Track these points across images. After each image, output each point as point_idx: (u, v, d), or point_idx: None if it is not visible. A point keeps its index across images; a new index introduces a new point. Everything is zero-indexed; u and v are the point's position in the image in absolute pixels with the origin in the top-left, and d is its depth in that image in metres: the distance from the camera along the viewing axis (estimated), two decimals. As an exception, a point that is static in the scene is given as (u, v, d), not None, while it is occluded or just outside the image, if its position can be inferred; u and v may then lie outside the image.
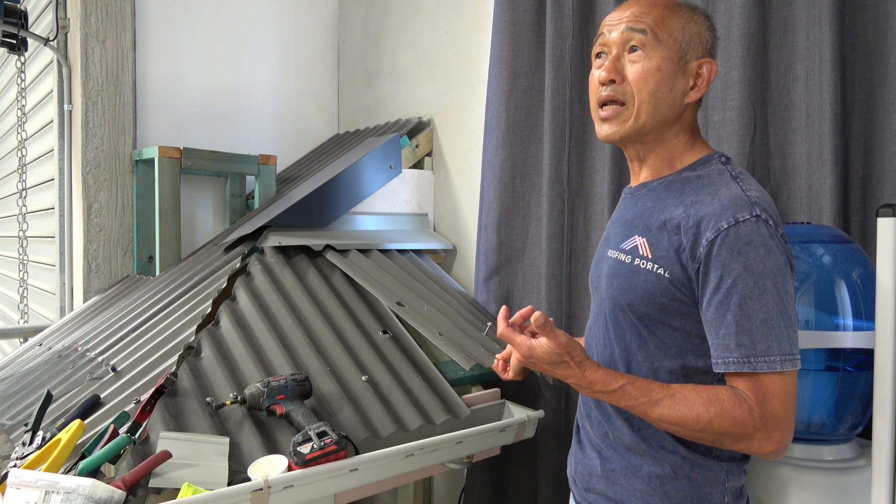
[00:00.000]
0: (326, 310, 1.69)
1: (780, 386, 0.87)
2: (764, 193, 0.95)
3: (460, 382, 1.63)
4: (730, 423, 0.88)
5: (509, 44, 1.94)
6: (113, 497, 1.02)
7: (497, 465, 1.99)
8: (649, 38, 0.99)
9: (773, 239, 0.89)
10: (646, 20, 1.00)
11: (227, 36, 2.62)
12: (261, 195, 2.38)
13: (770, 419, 0.87)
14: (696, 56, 1.01)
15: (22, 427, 1.36)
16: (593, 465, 1.06)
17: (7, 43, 2.32)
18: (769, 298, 0.87)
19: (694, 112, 1.05)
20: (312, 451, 1.17)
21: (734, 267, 0.88)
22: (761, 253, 0.88)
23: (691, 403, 0.90)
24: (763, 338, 0.87)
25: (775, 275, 0.88)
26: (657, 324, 0.98)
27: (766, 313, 0.87)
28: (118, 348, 1.63)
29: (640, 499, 0.99)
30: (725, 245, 0.89)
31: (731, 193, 0.92)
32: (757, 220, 0.89)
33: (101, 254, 2.26)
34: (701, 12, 1.04)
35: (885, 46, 1.33)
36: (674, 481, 0.97)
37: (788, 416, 0.88)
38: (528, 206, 1.96)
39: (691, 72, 1.01)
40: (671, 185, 1.01)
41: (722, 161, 1.01)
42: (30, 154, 2.83)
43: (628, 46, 1.01)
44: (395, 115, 2.62)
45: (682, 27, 1.00)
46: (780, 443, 0.88)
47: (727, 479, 0.98)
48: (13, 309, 3.21)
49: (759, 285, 0.87)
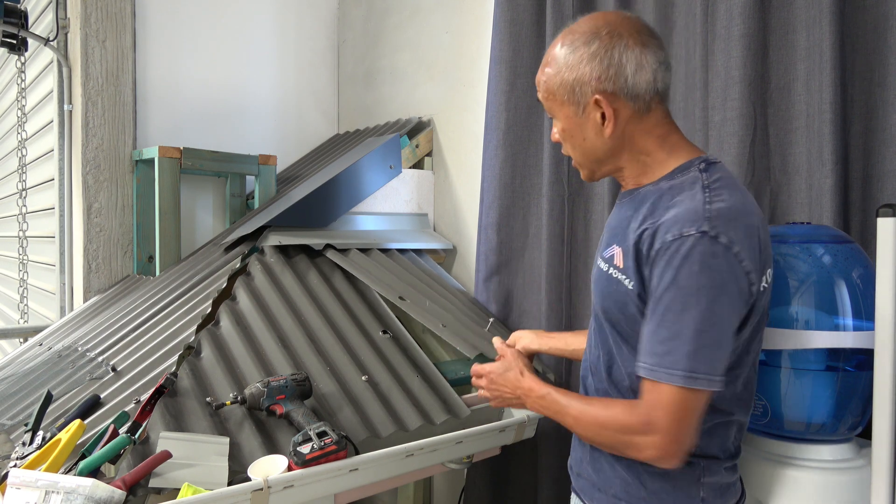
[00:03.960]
0: (326, 310, 1.69)
1: (674, 399, 0.89)
2: (734, 206, 0.92)
3: (460, 382, 1.63)
4: (615, 428, 0.95)
5: (509, 44, 1.94)
6: (113, 497, 1.02)
7: (497, 465, 1.99)
8: (546, 106, 1.08)
9: (715, 258, 0.88)
10: (541, 90, 1.08)
11: (227, 36, 2.62)
12: (261, 195, 2.38)
13: (650, 426, 0.90)
14: (589, 95, 1.00)
15: (22, 427, 1.36)
16: (584, 453, 1.10)
17: (7, 43, 2.31)
18: (690, 315, 0.88)
19: (647, 128, 1.02)
20: (312, 451, 1.17)
21: (666, 278, 0.90)
22: (695, 269, 0.88)
23: (594, 410, 0.99)
24: (672, 351, 0.89)
25: (705, 293, 0.88)
26: (629, 332, 1.01)
27: (680, 328, 0.88)
28: (118, 348, 1.63)
29: (620, 487, 1.02)
30: (665, 257, 0.90)
31: (690, 206, 0.92)
32: (701, 237, 0.88)
33: (101, 254, 2.26)
34: (582, 44, 1.00)
35: (885, 46, 1.33)
36: (651, 474, 1.00)
37: (676, 428, 0.89)
38: (528, 206, 1.96)
39: (592, 111, 1.01)
40: (647, 196, 1.01)
41: (701, 168, 0.98)
42: (30, 154, 2.83)
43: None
44: (395, 115, 2.62)
45: (559, 83, 1.03)
46: (661, 450, 0.90)
47: (703, 475, 0.99)
48: (13, 309, 3.21)
49: (683, 301, 0.88)
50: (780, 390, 1.16)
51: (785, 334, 1.13)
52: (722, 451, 1.01)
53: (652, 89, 1.00)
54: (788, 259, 1.17)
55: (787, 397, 1.16)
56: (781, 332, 1.13)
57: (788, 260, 1.17)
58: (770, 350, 1.15)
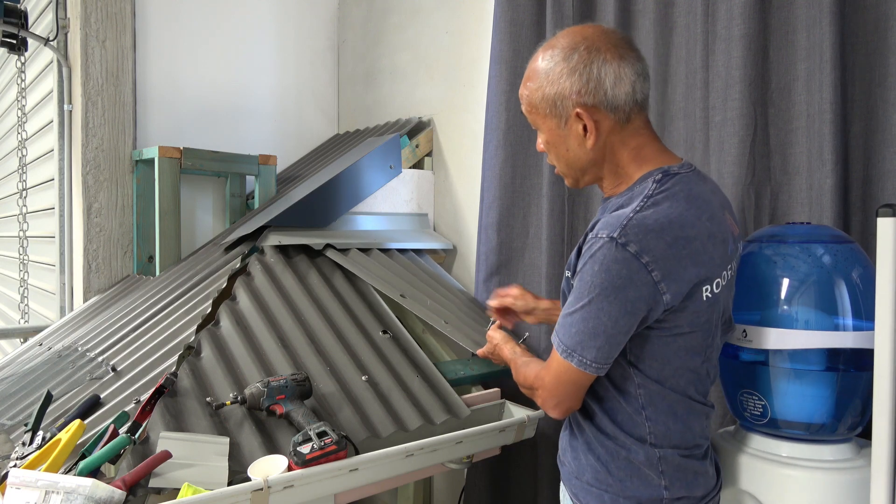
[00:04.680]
0: (326, 310, 1.69)
1: (556, 365, 1.06)
2: (663, 217, 0.98)
3: (460, 382, 1.63)
4: (523, 378, 1.18)
5: (509, 44, 1.94)
6: (113, 497, 1.02)
7: (497, 465, 1.99)
8: (530, 119, 1.13)
9: (617, 263, 0.96)
10: (524, 103, 1.12)
11: (227, 36, 2.62)
12: (261, 195, 2.38)
13: (539, 380, 1.11)
14: (570, 108, 1.05)
15: (22, 427, 1.36)
16: (565, 443, 1.19)
17: (7, 43, 2.32)
18: (581, 306, 1.00)
19: (624, 139, 1.07)
20: (312, 451, 1.17)
21: (579, 267, 1.02)
22: (595, 269, 0.98)
23: (523, 368, 1.20)
24: (565, 328, 1.03)
25: (597, 291, 0.98)
26: None
27: (573, 312, 1.01)
28: (118, 348, 1.63)
29: (591, 475, 1.11)
30: (584, 250, 1.03)
31: (617, 214, 1.01)
32: (610, 242, 0.97)
33: (101, 254, 2.26)
34: (561, 59, 1.04)
35: (885, 46, 1.33)
36: (616, 461, 1.08)
37: (553, 387, 1.07)
38: (528, 206, 1.96)
39: (574, 123, 1.06)
40: (609, 205, 1.09)
41: (656, 179, 1.04)
42: (30, 154, 2.83)
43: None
44: (395, 115, 2.62)
45: (541, 97, 1.08)
46: (543, 400, 1.11)
47: (660, 464, 1.07)
48: (13, 309, 3.21)
49: (580, 292, 1.00)
50: (780, 390, 1.16)
51: (785, 334, 1.13)
52: (683, 441, 1.08)
53: (631, 100, 1.05)
54: (788, 259, 1.17)
55: (787, 397, 1.16)
56: (781, 332, 1.13)
57: (788, 260, 1.17)
58: (770, 350, 1.15)
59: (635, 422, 1.07)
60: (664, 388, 1.06)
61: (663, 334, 1.03)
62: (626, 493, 1.07)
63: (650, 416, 1.06)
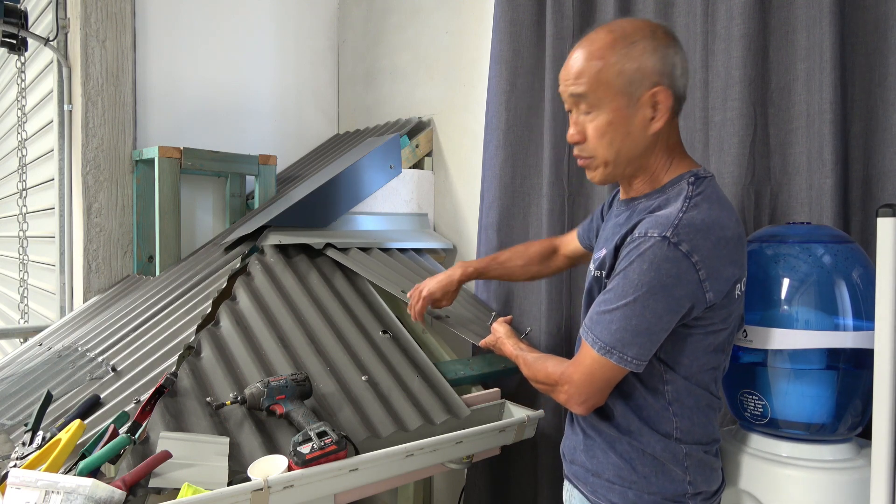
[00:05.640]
0: (326, 310, 1.69)
1: (590, 362, 1.04)
2: (707, 218, 0.99)
3: (460, 382, 1.63)
4: (544, 375, 1.14)
5: (509, 44, 1.94)
6: (113, 497, 1.02)
7: (497, 465, 1.99)
8: (591, 99, 1.05)
9: (668, 262, 0.97)
10: (582, 82, 1.05)
11: (227, 36, 2.62)
12: (261, 195, 2.38)
13: (565, 377, 1.08)
14: (647, 87, 1.03)
15: (22, 427, 1.36)
16: (578, 440, 1.17)
17: (7, 43, 2.31)
18: (625, 303, 0.99)
19: (670, 132, 1.08)
20: (312, 451, 1.17)
21: (621, 266, 1.02)
22: (644, 267, 0.98)
23: (539, 362, 1.18)
24: (603, 325, 1.02)
25: (644, 289, 0.98)
26: None
27: (615, 309, 1.00)
28: (118, 348, 1.63)
29: (612, 471, 1.10)
30: (627, 249, 1.02)
31: (665, 214, 1.01)
32: (662, 241, 0.97)
33: (101, 254, 2.26)
34: (641, 38, 1.03)
35: (885, 46, 1.33)
36: (642, 458, 1.08)
37: (585, 384, 1.05)
38: (528, 206, 1.96)
39: (645, 104, 1.04)
40: (639, 208, 1.09)
41: (690, 181, 1.05)
42: (30, 154, 2.83)
43: (579, 107, 1.08)
44: (395, 115, 2.62)
45: (618, 72, 1.03)
46: (569, 396, 1.07)
47: (686, 459, 1.07)
48: (13, 309, 3.21)
49: (625, 290, 0.99)
50: (780, 390, 1.16)
51: (785, 334, 1.13)
52: (705, 436, 1.09)
53: (684, 95, 1.08)
54: (788, 259, 1.17)
55: (787, 397, 1.16)
56: (781, 332, 1.14)
57: (788, 260, 1.17)
58: (770, 350, 1.15)
59: (662, 417, 1.07)
60: (690, 383, 1.07)
61: (698, 332, 1.04)
62: (650, 488, 1.07)
63: (677, 412, 1.07)
